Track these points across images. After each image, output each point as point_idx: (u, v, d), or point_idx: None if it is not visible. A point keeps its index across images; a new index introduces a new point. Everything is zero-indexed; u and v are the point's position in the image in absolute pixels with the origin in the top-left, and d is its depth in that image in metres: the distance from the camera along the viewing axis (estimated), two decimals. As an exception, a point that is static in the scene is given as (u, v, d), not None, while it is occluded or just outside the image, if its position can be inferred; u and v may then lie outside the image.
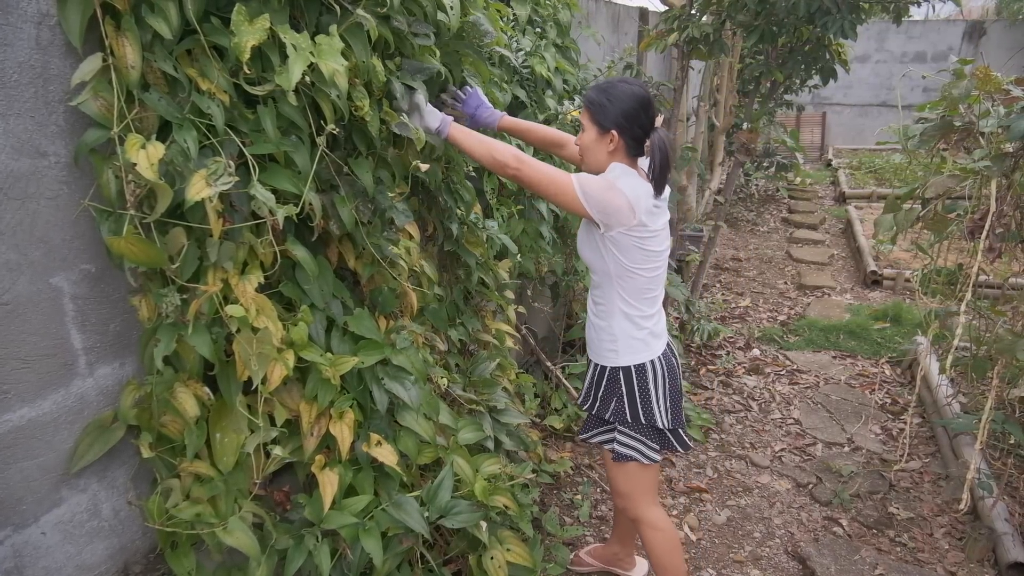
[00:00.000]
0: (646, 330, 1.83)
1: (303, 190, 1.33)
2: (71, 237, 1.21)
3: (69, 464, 1.28)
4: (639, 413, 1.85)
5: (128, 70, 1.15)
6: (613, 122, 1.67)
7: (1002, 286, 2.74)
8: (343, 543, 1.54)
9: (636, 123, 1.67)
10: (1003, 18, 10.11)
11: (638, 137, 1.70)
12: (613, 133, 1.68)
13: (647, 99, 1.68)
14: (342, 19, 1.35)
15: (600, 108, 1.68)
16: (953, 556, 2.45)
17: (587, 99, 1.71)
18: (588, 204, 1.62)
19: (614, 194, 1.63)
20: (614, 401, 1.88)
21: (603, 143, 1.71)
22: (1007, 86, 1.89)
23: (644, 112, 1.67)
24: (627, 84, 1.68)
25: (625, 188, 1.64)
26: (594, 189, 1.62)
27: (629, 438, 1.89)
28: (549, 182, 1.64)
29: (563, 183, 1.63)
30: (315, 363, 1.45)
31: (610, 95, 1.67)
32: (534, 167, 1.65)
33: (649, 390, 1.84)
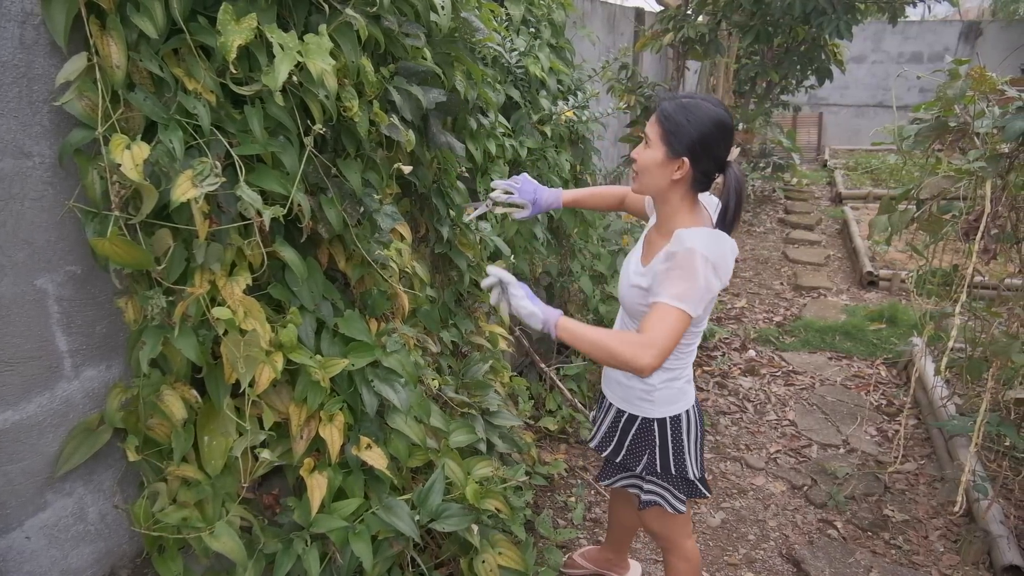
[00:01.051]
0: (683, 379, 1.69)
1: (291, 191, 1.32)
2: (56, 238, 1.20)
3: (54, 468, 1.26)
4: (670, 465, 1.71)
5: (113, 69, 1.13)
6: (687, 148, 1.43)
7: (997, 287, 2.73)
8: (333, 547, 1.53)
9: (712, 154, 1.44)
10: (999, 18, 10.13)
11: (709, 171, 1.47)
12: (684, 160, 1.44)
13: (729, 127, 1.44)
14: (331, 18, 1.34)
15: (676, 128, 1.43)
16: (948, 559, 2.44)
17: (663, 113, 1.46)
18: (700, 310, 1.43)
19: (710, 282, 1.42)
20: (646, 455, 1.73)
21: (668, 168, 1.46)
22: (1002, 86, 1.89)
23: (723, 142, 1.44)
24: (710, 105, 1.44)
25: (718, 261, 1.42)
26: (698, 296, 1.41)
27: (655, 486, 1.77)
28: (675, 334, 1.39)
29: (682, 322, 1.40)
30: (304, 365, 1.44)
31: (690, 114, 1.42)
32: (657, 339, 1.37)
33: (682, 441, 1.71)
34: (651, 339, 1.37)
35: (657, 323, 1.39)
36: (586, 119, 2.81)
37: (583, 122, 2.82)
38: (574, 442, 3.12)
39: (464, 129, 2.13)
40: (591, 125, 2.89)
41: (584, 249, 3.25)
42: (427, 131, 1.80)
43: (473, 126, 2.14)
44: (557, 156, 2.73)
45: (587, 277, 3.16)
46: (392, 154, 1.69)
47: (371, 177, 1.60)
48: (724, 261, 1.44)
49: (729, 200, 1.47)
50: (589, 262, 3.24)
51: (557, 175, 2.78)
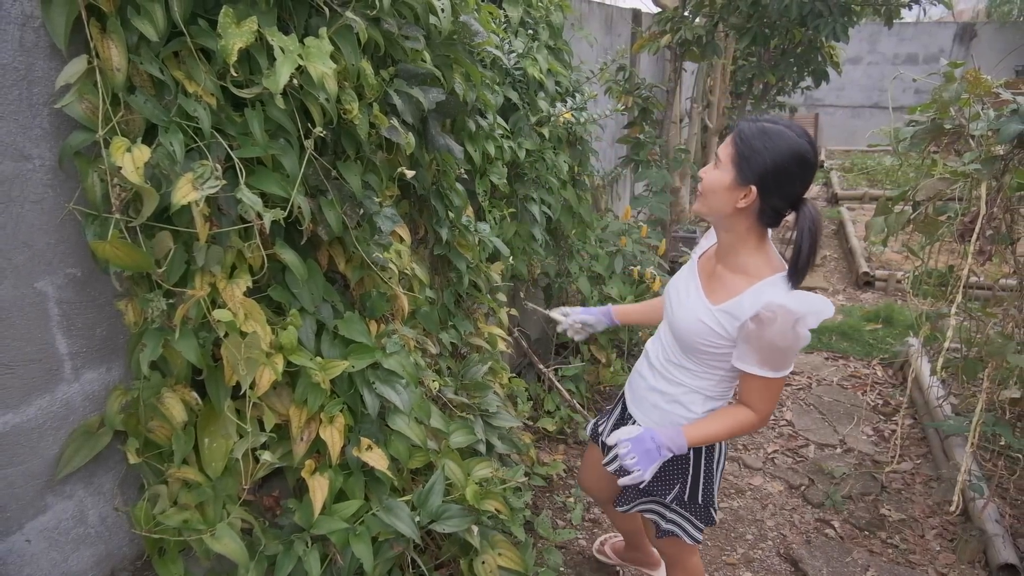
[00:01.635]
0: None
1: (291, 193, 1.32)
2: (56, 241, 1.20)
3: (55, 470, 1.26)
4: (699, 495, 1.67)
5: (114, 72, 1.13)
6: (758, 176, 1.33)
7: (992, 287, 2.75)
8: (333, 548, 1.53)
9: (785, 189, 1.34)
10: (994, 20, 10.18)
11: (779, 207, 1.37)
12: (752, 189, 1.34)
13: (811, 163, 1.33)
14: (331, 21, 1.34)
15: (750, 152, 1.33)
16: (944, 557, 2.46)
17: (740, 134, 1.36)
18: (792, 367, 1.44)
19: (805, 335, 1.36)
20: (678, 485, 1.67)
21: (734, 195, 1.37)
22: (997, 89, 1.90)
23: (800, 178, 1.33)
24: (794, 135, 1.33)
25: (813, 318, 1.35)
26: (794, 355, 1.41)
27: (677, 515, 1.73)
28: (779, 395, 1.47)
29: (781, 386, 1.45)
30: (305, 367, 1.44)
31: (769, 141, 1.32)
32: (768, 410, 1.48)
33: (713, 471, 1.67)
34: (758, 409, 1.48)
35: (763, 397, 1.46)
36: (584, 120, 2.82)
37: (581, 123, 2.82)
38: (572, 443, 3.12)
39: (463, 131, 2.13)
40: (589, 127, 2.89)
41: (582, 250, 3.26)
42: (426, 133, 1.80)
43: (472, 128, 2.14)
44: (555, 157, 2.74)
45: (585, 278, 3.17)
46: (392, 156, 1.69)
47: (371, 179, 1.60)
48: (818, 315, 1.35)
49: (802, 242, 1.34)
50: (587, 263, 3.25)
51: (555, 176, 2.78)
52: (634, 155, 4.12)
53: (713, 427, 1.51)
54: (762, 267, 1.43)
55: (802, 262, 1.35)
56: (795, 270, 1.37)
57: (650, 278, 3.27)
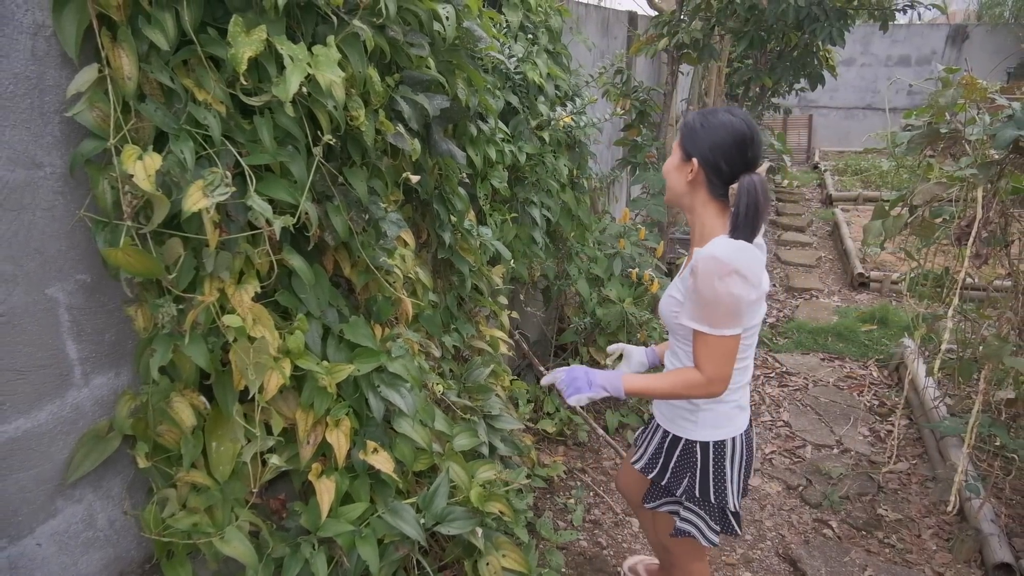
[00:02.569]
0: (732, 403, 1.65)
1: (299, 200, 1.33)
2: (67, 248, 1.21)
3: (65, 475, 1.27)
4: (710, 492, 1.66)
5: (124, 81, 1.14)
6: (698, 151, 1.51)
7: (986, 289, 2.78)
8: (339, 551, 1.54)
9: (724, 159, 1.48)
10: (985, 22, 10.25)
11: (723, 176, 1.50)
12: (694, 162, 1.51)
13: (746, 136, 1.47)
14: (338, 29, 1.36)
15: (690, 133, 1.53)
16: (941, 557, 2.48)
17: (683, 121, 1.59)
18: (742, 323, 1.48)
19: (737, 294, 1.43)
20: (687, 478, 1.68)
21: (683, 171, 1.55)
22: (992, 94, 1.92)
23: (737, 149, 1.47)
24: (730, 115, 1.50)
25: (742, 268, 1.43)
26: (729, 313, 1.45)
27: (693, 514, 1.73)
28: (726, 357, 1.49)
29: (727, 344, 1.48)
30: (311, 371, 1.45)
31: (705, 122, 1.50)
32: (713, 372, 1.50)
33: (725, 469, 1.65)
34: (707, 373, 1.50)
35: (704, 355, 1.50)
36: (584, 124, 2.84)
37: (580, 127, 2.84)
38: (572, 444, 3.14)
39: (464, 135, 2.15)
40: (588, 130, 2.91)
41: (581, 252, 3.28)
42: (429, 139, 1.82)
43: (473, 132, 2.16)
44: (555, 161, 2.76)
45: (584, 280, 3.19)
46: (397, 162, 1.71)
47: (376, 185, 1.61)
48: (750, 267, 1.44)
49: (739, 200, 1.46)
50: (586, 265, 3.27)
51: (555, 180, 2.80)
52: (631, 157, 4.14)
53: (656, 380, 1.56)
54: (716, 232, 1.54)
55: (740, 219, 1.45)
56: (735, 227, 1.47)
57: (648, 280, 3.29)
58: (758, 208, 1.45)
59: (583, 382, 1.56)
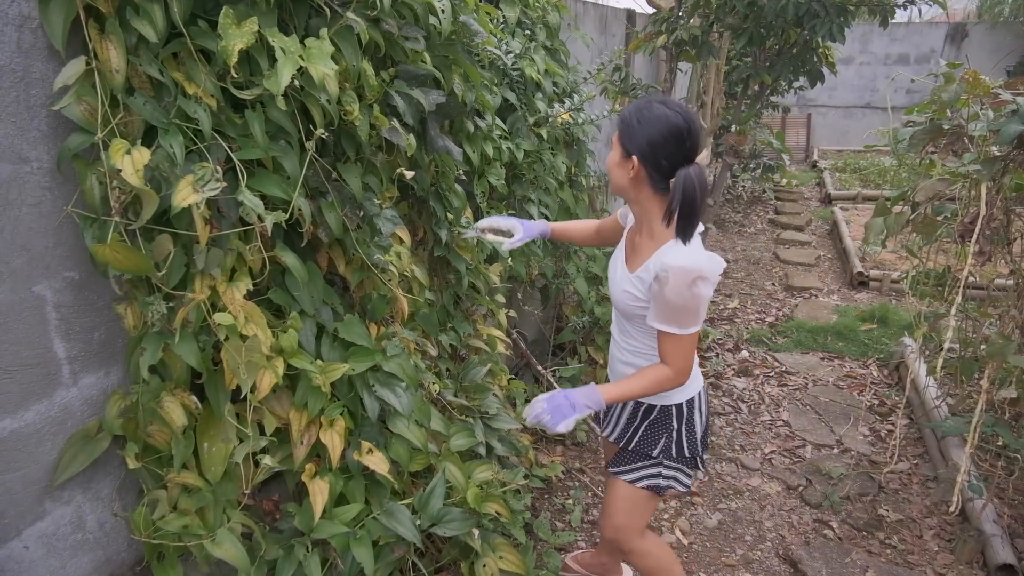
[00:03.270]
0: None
1: (292, 196, 1.31)
2: (54, 244, 1.18)
3: (53, 476, 1.25)
4: (684, 446, 1.75)
5: (112, 74, 1.12)
6: (636, 147, 1.49)
7: (987, 287, 2.76)
8: (334, 553, 1.52)
9: (663, 154, 1.47)
10: (984, 20, 10.24)
11: (663, 171, 1.49)
12: (634, 159, 1.50)
13: (683, 129, 1.46)
14: (332, 22, 1.33)
15: (627, 129, 1.51)
16: (943, 558, 2.46)
17: (620, 116, 1.55)
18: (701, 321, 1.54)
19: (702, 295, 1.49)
20: (663, 439, 1.75)
21: (624, 168, 1.54)
22: (996, 90, 1.90)
23: (675, 143, 1.46)
24: (665, 108, 1.48)
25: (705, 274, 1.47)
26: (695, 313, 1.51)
27: (672, 470, 1.80)
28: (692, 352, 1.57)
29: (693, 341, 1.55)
30: (305, 370, 1.43)
31: (641, 116, 1.48)
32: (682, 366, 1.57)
33: (695, 422, 1.75)
34: (678, 369, 1.57)
35: (674, 353, 1.56)
36: (582, 121, 2.81)
37: (578, 124, 2.82)
38: (570, 444, 3.12)
39: (461, 132, 2.12)
40: (586, 127, 2.89)
41: (579, 251, 3.25)
42: (425, 135, 1.80)
43: (470, 129, 2.14)
44: (553, 158, 2.73)
45: (582, 279, 3.17)
46: (391, 158, 1.68)
47: (371, 181, 1.59)
48: (711, 268, 1.50)
49: (674, 196, 1.46)
50: (584, 264, 3.25)
51: (553, 177, 2.78)
52: (630, 156, 4.12)
53: (631, 384, 1.59)
54: (665, 231, 1.55)
55: (673, 213, 1.46)
56: (676, 228, 1.50)
57: (647, 279, 3.27)
58: (694, 203, 1.45)
59: (566, 407, 1.55)
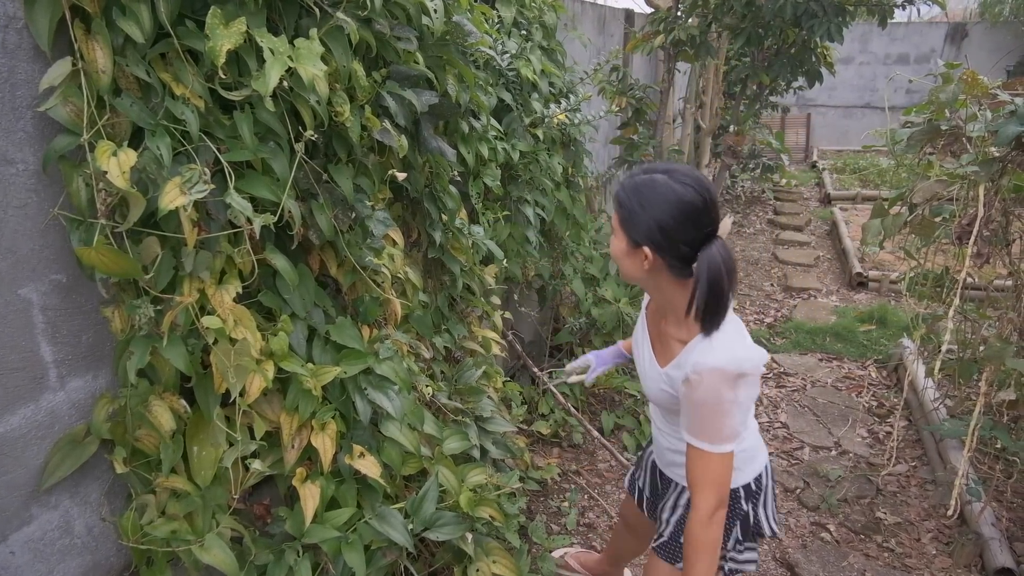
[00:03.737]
0: (747, 441, 1.49)
1: (282, 198, 1.29)
2: (40, 247, 1.17)
3: (40, 481, 1.23)
4: (750, 531, 1.57)
5: (99, 74, 1.11)
6: (645, 236, 1.25)
7: (986, 288, 2.75)
8: (325, 557, 1.50)
9: (681, 239, 1.23)
10: (985, 19, 10.22)
11: (684, 256, 1.25)
12: (645, 251, 1.26)
13: (697, 205, 1.21)
14: (322, 22, 1.32)
15: (629, 214, 1.26)
16: (940, 561, 2.45)
17: (617, 198, 1.30)
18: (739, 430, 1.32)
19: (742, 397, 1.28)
20: (736, 527, 1.57)
21: (636, 259, 1.29)
22: (994, 90, 1.89)
23: (692, 224, 1.22)
24: (670, 181, 1.23)
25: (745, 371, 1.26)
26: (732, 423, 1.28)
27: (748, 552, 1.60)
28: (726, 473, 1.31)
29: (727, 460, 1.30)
30: (296, 374, 1.42)
31: (644, 198, 1.24)
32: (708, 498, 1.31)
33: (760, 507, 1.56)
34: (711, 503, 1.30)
35: (703, 475, 1.31)
36: (579, 122, 2.80)
37: (575, 125, 2.80)
38: (567, 446, 3.11)
39: (456, 132, 2.11)
40: (583, 128, 2.88)
41: (576, 252, 3.24)
42: (419, 136, 1.78)
43: (465, 130, 2.12)
44: (549, 159, 2.72)
45: (579, 280, 3.15)
46: (384, 159, 1.67)
47: (363, 183, 1.58)
48: (751, 361, 1.28)
49: (699, 284, 1.22)
50: (581, 265, 3.24)
51: (549, 178, 2.76)
52: (628, 156, 4.11)
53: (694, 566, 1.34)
54: (692, 324, 1.32)
55: (703, 306, 1.24)
56: (703, 322, 1.27)
57: (645, 280, 3.25)
58: (721, 290, 1.23)
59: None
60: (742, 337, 1.31)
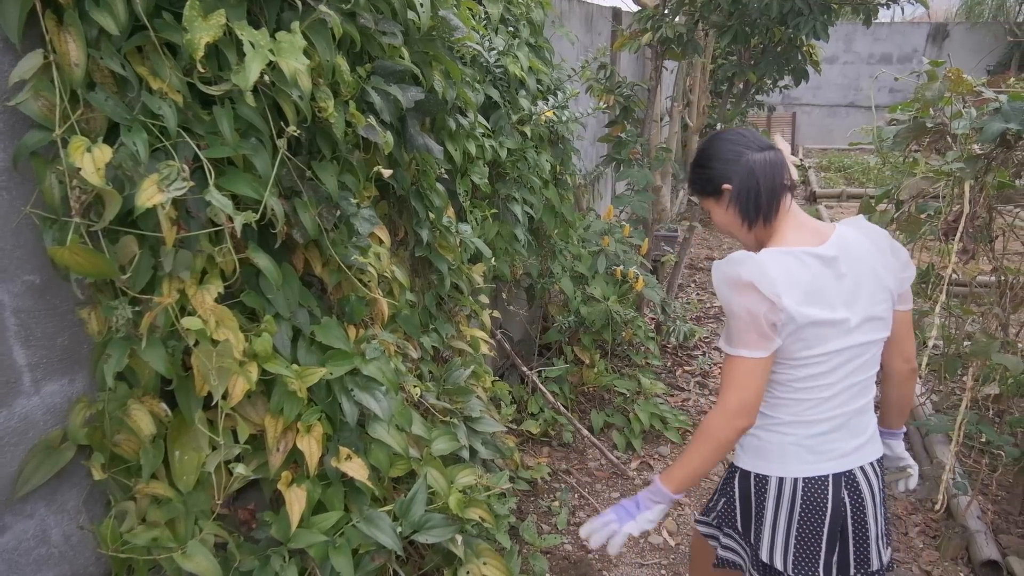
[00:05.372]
0: (790, 437, 1.39)
1: (264, 195, 1.26)
2: (12, 247, 1.13)
3: (14, 488, 1.19)
4: (750, 528, 1.48)
5: (71, 68, 1.07)
6: (718, 180, 1.40)
7: (969, 284, 2.76)
8: (312, 562, 1.47)
9: (733, 164, 1.38)
10: (967, 20, 10.35)
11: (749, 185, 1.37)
12: (725, 189, 1.39)
13: (726, 136, 1.41)
14: (304, 15, 1.29)
15: (701, 180, 1.43)
16: (928, 555, 2.46)
17: (689, 184, 1.49)
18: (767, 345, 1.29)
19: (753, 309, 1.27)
20: (723, 500, 1.57)
21: (727, 209, 1.41)
22: (978, 88, 1.89)
23: (728, 146, 1.39)
24: (704, 141, 1.46)
25: (754, 278, 1.27)
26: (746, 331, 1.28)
27: (734, 541, 1.58)
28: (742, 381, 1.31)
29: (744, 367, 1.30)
30: (280, 375, 1.39)
31: (697, 162, 1.44)
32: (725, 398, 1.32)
33: (765, 511, 1.42)
34: (725, 402, 1.32)
35: (723, 378, 1.36)
36: (566, 119, 2.78)
37: (563, 122, 2.79)
38: (557, 445, 3.09)
39: (443, 130, 2.09)
40: (571, 125, 2.86)
41: (565, 250, 3.22)
42: (405, 132, 1.76)
43: (452, 127, 2.10)
44: (537, 156, 2.70)
45: (568, 278, 3.14)
46: (369, 156, 1.64)
47: (348, 180, 1.55)
48: (765, 277, 1.27)
49: (747, 182, 1.35)
50: (570, 263, 3.22)
51: (537, 176, 2.75)
52: (615, 154, 4.09)
53: (684, 456, 1.38)
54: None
55: (752, 202, 1.36)
56: (750, 214, 1.37)
57: (633, 277, 3.25)
58: (774, 187, 1.34)
59: (632, 508, 1.38)
60: (775, 258, 1.30)
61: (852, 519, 1.39)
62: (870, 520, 1.41)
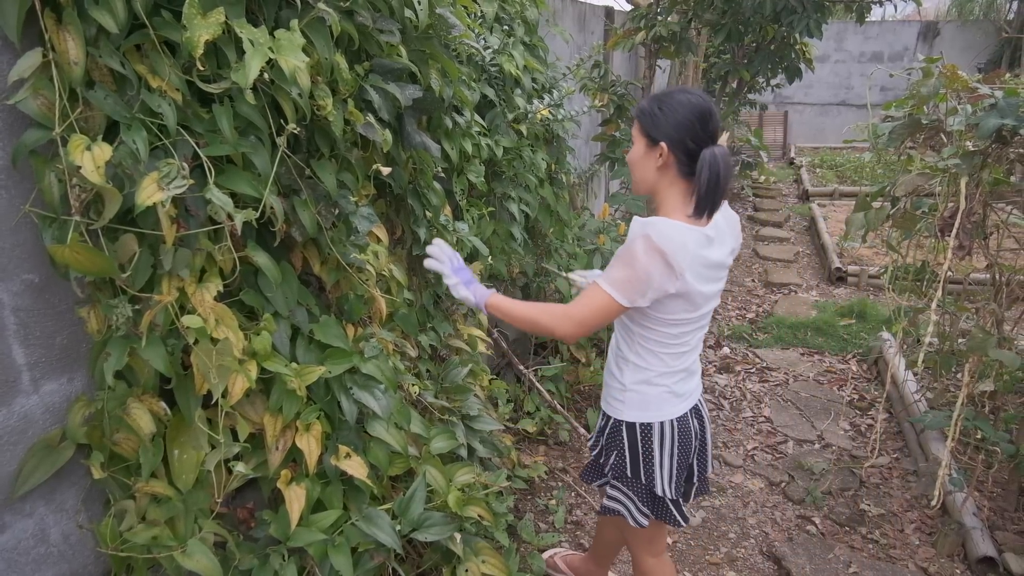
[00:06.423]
0: (663, 387, 1.64)
1: (263, 193, 1.26)
2: (11, 245, 1.13)
3: (13, 487, 1.19)
4: (640, 471, 1.68)
5: (71, 66, 1.07)
6: (663, 134, 1.49)
7: (964, 281, 2.78)
8: (311, 561, 1.47)
9: (689, 136, 1.47)
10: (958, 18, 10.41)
11: (691, 152, 1.48)
12: (663, 146, 1.49)
13: (706, 110, 1.48)
14: (303, 13, 1.29)
15: (651, 118, 1.51)
16: (924, 552, 2.48)
17: (638, 109, 1.56)
18: (635, 300, 1.47)
19: (652, 273, 1.44)
20: (614, 455, 1.71)
21: (651, 157, 1.52)
22: (974, 84, 1.91)
23: (700, 124, 1.47)
24: (685, 94, 1.51)
25: (669, 250, 1.42)
26: (633, 285, 1.45)
27: (620, 492, 1.74)
28: (597, 314, 1.50)
29: (607, 306, 1.48)
30: (279, 374, 1.39)
31: (663, 104, 1.50)
32: (576, 312, 1.52)
33: (653, 451, 1.66)
34: (572, 311, 1.52)
35: (584, 299, 1.51)
36: (561, 118, 2.78)
37: (558, 120, 2.79)
38: (553, 444, 3.09)
39: (439, 128, 2.09)
40: (566, 124, 2.86)
41: (560, 249, 3.23)
42: (402, 131, 1.75)
43: (449, 125, 2.10)
44: (533, 155, 2.70)
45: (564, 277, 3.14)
46: (367, 154, 1.64)
47: (346, 178, 1.55)
48: (681, 251, 1.44)
49: (701, 173, 1.45)
50: (565, 262, 3.22)
51: (533, 174, 2.75)
52: (610, 152, 4.11)
53: (517, 307, 1.59)
54: (677, 211, 1.53)
55: (701, 190, 1.45)
56: (697, 199, 1.47)
57: (629, 276, 3.25)
58: (719, 180, 1.45)
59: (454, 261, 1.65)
60: (696, 235, 1.47)
61: (700, 439, 1.75)
62: (708, 436, 1.78)
